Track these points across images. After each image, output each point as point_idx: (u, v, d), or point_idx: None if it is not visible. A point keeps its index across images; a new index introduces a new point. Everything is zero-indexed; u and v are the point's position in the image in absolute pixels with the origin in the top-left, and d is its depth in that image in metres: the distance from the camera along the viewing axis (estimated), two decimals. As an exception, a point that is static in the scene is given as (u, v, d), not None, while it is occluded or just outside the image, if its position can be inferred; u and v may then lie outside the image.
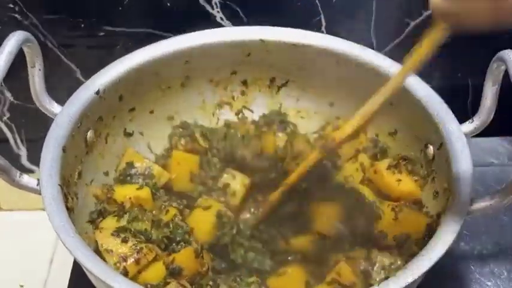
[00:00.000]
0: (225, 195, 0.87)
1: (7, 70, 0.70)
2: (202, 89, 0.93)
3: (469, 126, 0.79)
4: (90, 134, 0.82)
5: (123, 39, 0.84)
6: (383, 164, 0.85)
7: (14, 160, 1.20)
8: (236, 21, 0.92)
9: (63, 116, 0.78)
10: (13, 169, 0.72)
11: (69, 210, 0.74)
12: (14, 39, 0.72)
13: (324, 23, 0.98)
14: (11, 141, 1.17)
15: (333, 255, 0.79)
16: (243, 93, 0.95)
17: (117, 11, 0.95)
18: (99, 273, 0.65)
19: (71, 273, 0.86)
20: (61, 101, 0.79)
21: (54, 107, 0.81)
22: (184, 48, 0.87)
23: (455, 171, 0.72)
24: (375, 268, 0.76)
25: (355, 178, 0.86)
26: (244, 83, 0.94)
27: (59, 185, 0.72)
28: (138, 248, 0.74)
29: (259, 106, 0.95)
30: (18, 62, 0.69)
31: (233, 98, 0.95)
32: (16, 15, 0.97)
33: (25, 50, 0.76)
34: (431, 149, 0.80)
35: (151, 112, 0.91)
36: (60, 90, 0.83)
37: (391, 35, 0.88)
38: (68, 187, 0.76)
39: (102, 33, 0.80)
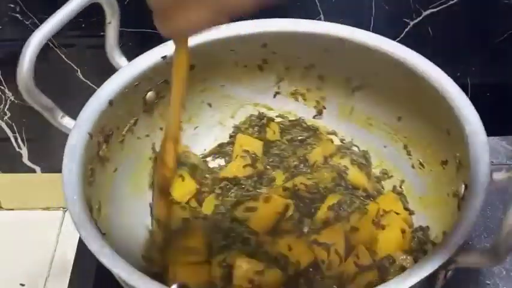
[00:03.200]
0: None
1: (71, 17, 0.76)
2: (279, 75, 0.94)
3: (502, 174, 0.71)
4: (150, 94, 0.87)
5: (123, 39, 0.87)
6: None
7: (15, 159, 1.25)
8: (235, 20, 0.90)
9: (121, 72, 0.84)
10: (57, 109, 0.78)
11: (101, 158, 0.80)
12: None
13: (324, 23, 0.93)
14: (12, 140, 1.21)
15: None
16: (318, 88, 0.93)
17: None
18: (86, 235, 0.67)
19: (71, 273, 0.87)
20: (61, 101, 0.80)
21: (122, 61, 0.87)
22: (261, 31, 0.88)
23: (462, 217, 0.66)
24: None
25: None
26: (321, 78, 0.92)
27: (88, 133, 0.77)
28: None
29: (331, 104, 0.94)
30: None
31: (308, 90, 0.94)
32: (17, 15, 1.02)
33: (104, 7, 0.83)
34: (463, 187, 0.74)
35: (223, 86, 0.93)
36: (61, 90, 0.87)
37: (390, 34, 0.83)
38: (108, 137, 0.82)
39: (102, 33, 0.83)
